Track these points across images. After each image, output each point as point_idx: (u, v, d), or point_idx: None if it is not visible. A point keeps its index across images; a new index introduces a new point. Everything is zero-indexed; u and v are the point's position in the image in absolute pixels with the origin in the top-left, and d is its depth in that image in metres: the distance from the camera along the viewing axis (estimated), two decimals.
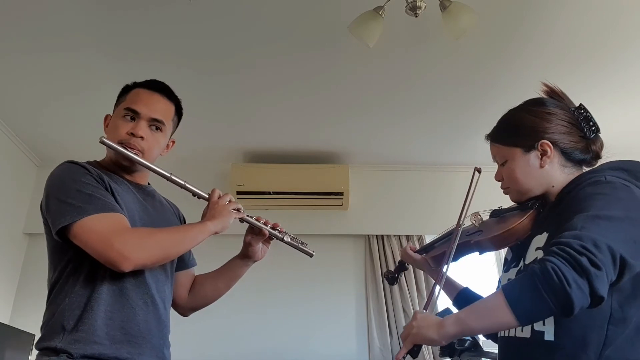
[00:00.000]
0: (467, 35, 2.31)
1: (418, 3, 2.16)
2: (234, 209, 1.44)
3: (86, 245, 1.24)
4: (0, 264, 3.43)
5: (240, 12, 2.48)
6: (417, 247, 1.63)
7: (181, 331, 3.23)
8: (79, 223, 1.24)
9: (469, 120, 3.36)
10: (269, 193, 3.69)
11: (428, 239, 3.82)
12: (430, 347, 3.46)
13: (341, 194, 3.70)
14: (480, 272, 3.15)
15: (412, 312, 3.50)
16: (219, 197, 1.45)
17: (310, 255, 1.59)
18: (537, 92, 1.39)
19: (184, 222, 1.62)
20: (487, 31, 2.59)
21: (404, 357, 1.14)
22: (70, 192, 1.28)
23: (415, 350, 1.14)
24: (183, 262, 1.58)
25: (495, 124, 1.39)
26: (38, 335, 1.32)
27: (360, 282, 3.75)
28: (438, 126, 3.51)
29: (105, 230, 1.23)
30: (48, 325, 1.29)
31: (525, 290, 0.96)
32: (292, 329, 3.59)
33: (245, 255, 1.59)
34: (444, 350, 2.89)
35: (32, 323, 3.24)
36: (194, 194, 1.45)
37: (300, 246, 1.57)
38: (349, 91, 3.12)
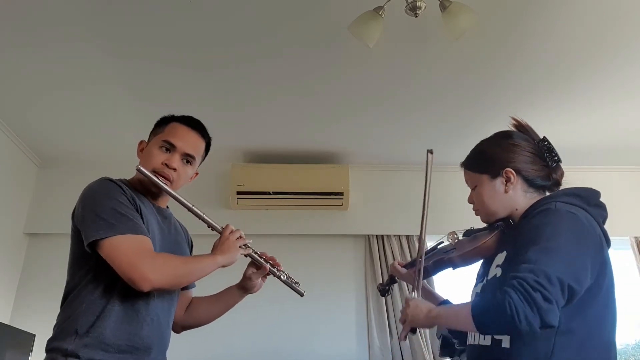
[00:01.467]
0: (467, 36, 2.32)
1: (418, 3, 2.16)
2: (242, 245, 1.58)
3: (112, 261, 1.36)
4: (0, 264, 3.43)
5: (240, 10, 2.48)
6: (405, 262, 1.79)
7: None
8: (110, 240, 1.36)
9: (469, 120, 3.36)
10: (269, 193, 3.69)
11: (428, 239, 3.81)
12: (430, 347, 3.46)
13: (341, 194, 3.70)
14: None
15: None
16: (231, 233, 1.58)
17: (302, 295, 1.75)
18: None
19: (191, 245, 1.77)
20: (487, 31, 2.59)
21: (406, 336, 1.42)
22: (106, 209, 1.40)
23: (413, 329, 1.42)
24: None
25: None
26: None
27: (360, 282, 3.75)
28: (438, 126, 3.51)
29: (132, 251, 1.36)
30: (61, 327, 1.39)
31: (487, 313, 1.18)
32: (292, 329, 3.59)
33: (243, 287, 1.73)
34: (444, 350, 2.89)
35: (32, 323, 3.25)
36: (209, 225, 1.59)
37: (294, 286, 1.74)
38: (350, 91, 3.13)
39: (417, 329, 1.43)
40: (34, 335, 3.04)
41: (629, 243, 3.80)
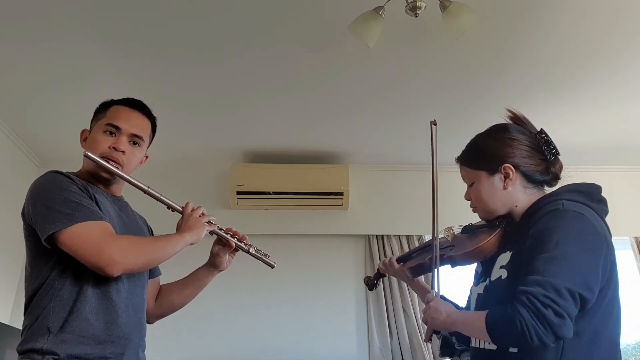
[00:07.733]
0: (467, 35, 2.31)
1: (418, 3, 2.16)
2: (206, 222, 1.53)
3: (75, 251, 1.30)
4: (1, 264, 3.43)
5: (240, 9, 2.47)
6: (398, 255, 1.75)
7: (179, 330, 3.24)
8: (69, 230, 1.30)
9: (468, 120, 3.35)
10: (269, 193, 3.69)
11: (428, 239, 3.81)
12: (430, 347, 3.46)
13: (341, 194, 3.70)
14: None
15: (412, 312, 3.51)
16: (193, 210, 1.53)
17: (272, 267, 1.67)
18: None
19: (152, 233, 1.70)
20: (487, 31, 2.59)
21: (430, 336, 1.40)
22: (58, 200, 1.34)
23: (437, 331, 1.39)
24: (150, 271, 1.62)
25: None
26: None
27: (360, 282, 3.73)
28: (438, 126, 3.50)
29: (95, 237, 1.31)
30: (31, 329, 1.34)
31: (500, 329, 1.16)
32: (292, 329, 3.59)
33: (212, 265, 1.66)
34: (444, 350, 2.89)
35: None
36: (169, 206, 1.54)
37: (264, 258, 1.66)
38: (350, 91, 3.12)
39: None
40: None
41: (629, 243, 3.81)
